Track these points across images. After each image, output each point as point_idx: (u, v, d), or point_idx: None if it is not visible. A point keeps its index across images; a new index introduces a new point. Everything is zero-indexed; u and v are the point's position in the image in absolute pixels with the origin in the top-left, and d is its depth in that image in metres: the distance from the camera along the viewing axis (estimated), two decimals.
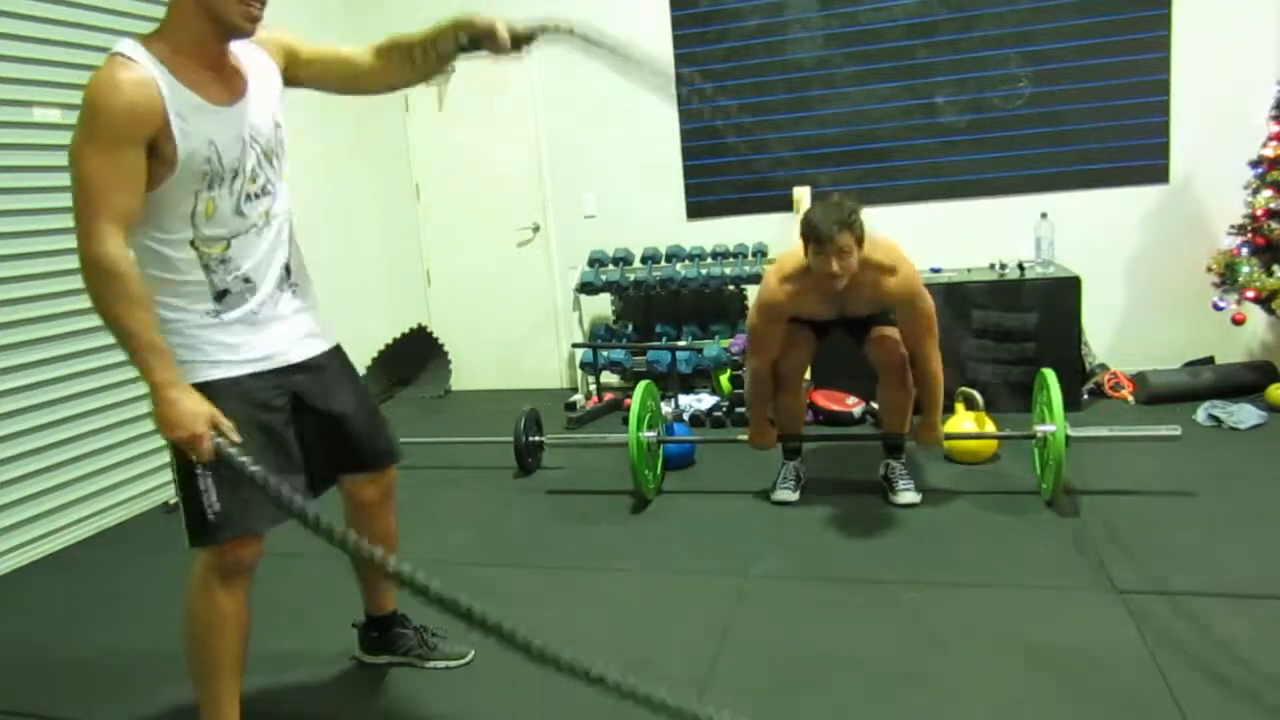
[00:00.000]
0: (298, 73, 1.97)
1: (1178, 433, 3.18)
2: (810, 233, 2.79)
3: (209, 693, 1.89)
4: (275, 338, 1.89)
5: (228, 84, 1.78)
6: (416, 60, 2.02)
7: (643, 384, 3.52)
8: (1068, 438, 3.01)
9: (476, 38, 1.92)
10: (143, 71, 1.64)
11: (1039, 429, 3.19)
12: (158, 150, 1.66)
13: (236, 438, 1.69)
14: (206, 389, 1.74)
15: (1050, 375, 3.16)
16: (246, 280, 1.83)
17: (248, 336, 1.83)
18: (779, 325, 3.09)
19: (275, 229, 1.89)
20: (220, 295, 1.80)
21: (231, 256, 1.81)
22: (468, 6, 1.97)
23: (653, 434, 3.51)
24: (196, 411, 1.66)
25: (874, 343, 3.18)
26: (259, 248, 1.85)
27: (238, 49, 1.85)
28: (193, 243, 1.76)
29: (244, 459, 1.63)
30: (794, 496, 3.34)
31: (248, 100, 1.82)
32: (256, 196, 1.84)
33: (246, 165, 1.80)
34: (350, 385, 2.07)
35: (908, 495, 3.19)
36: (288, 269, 1.93)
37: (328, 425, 1.99)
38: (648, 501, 3.47)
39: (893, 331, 3.15)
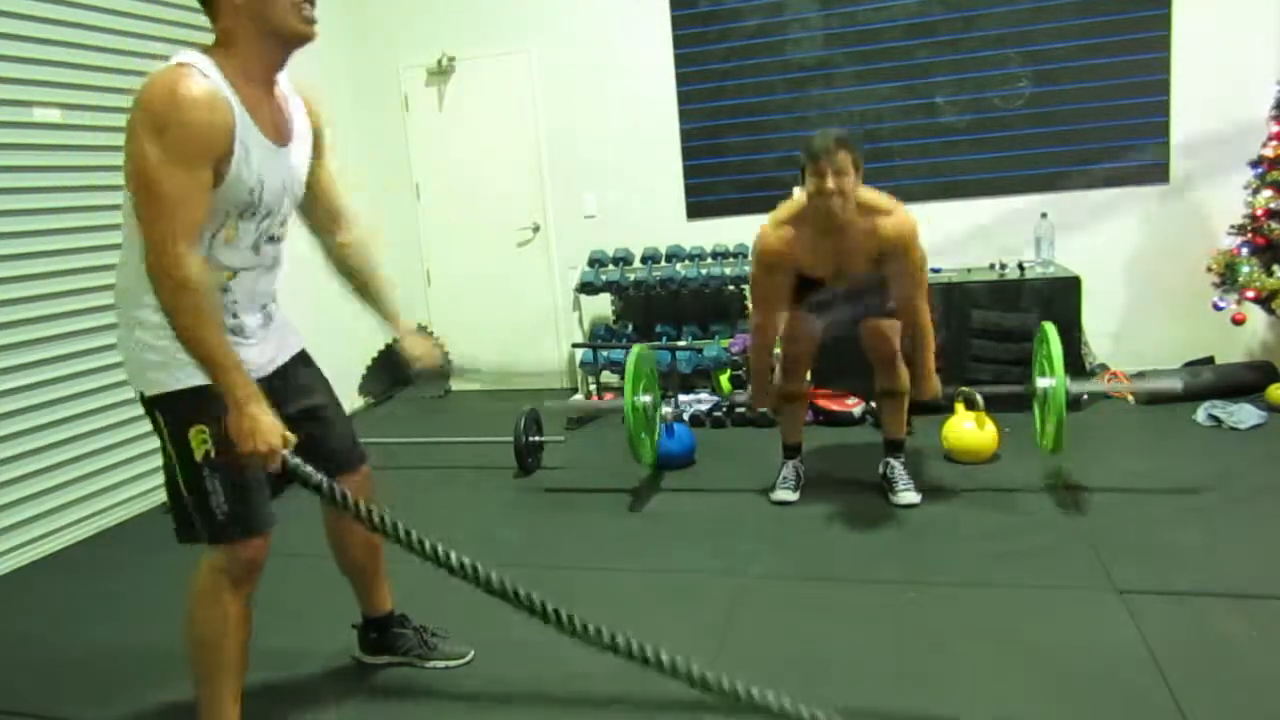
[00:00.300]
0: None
1: (1178, 386, 3.11)
2: (808, 151, 2.82)
3: (211, 694, 1.88)
4: (263, 352, 1.90)
5: (281, 123, 1.78)
6: (356, 283, 2.13)
7: (636, 348, 3.41)
8: (1068, 392, 2.97)
9: (404, 359, 2.11)
10: (219, 91, 1.61)
11: (1040, 382, 3.15)
12: (214, 169, 1.65)
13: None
14: (200, 393, 1.74)
15: (1050, 329, 3.10)
16: (235, 317, 1.83)
17: (242, 352, 1.81)
18: (778, 275, 3.04)
19: (273, 275, 1.91)
20: None
21: (231, 288, 1.80)
22: (466, 7, 1.97)
23: (649, 399, 3.44)
24: (274, 427, 1.67)
25: (868, 332, 3.20)
26: (255, 289, 1.85)
27: (288, 94, 1.84)
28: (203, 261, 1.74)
29: (309, 470, 1.70)
30: (793, 497, 3.33)
31: (293, 146, 1.82)
32: (275, 240, 1.85)
33: (282, 209, 1.82)
34: (322, 387, 2.09)
35: (908, 495, 3.19)
36: (268, 309, 1.94)
37: (301, 426, 1.98)
38: (639, 498, 3.47)
39: (887, 325, 3.17)
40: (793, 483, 3.36)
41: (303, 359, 2.06)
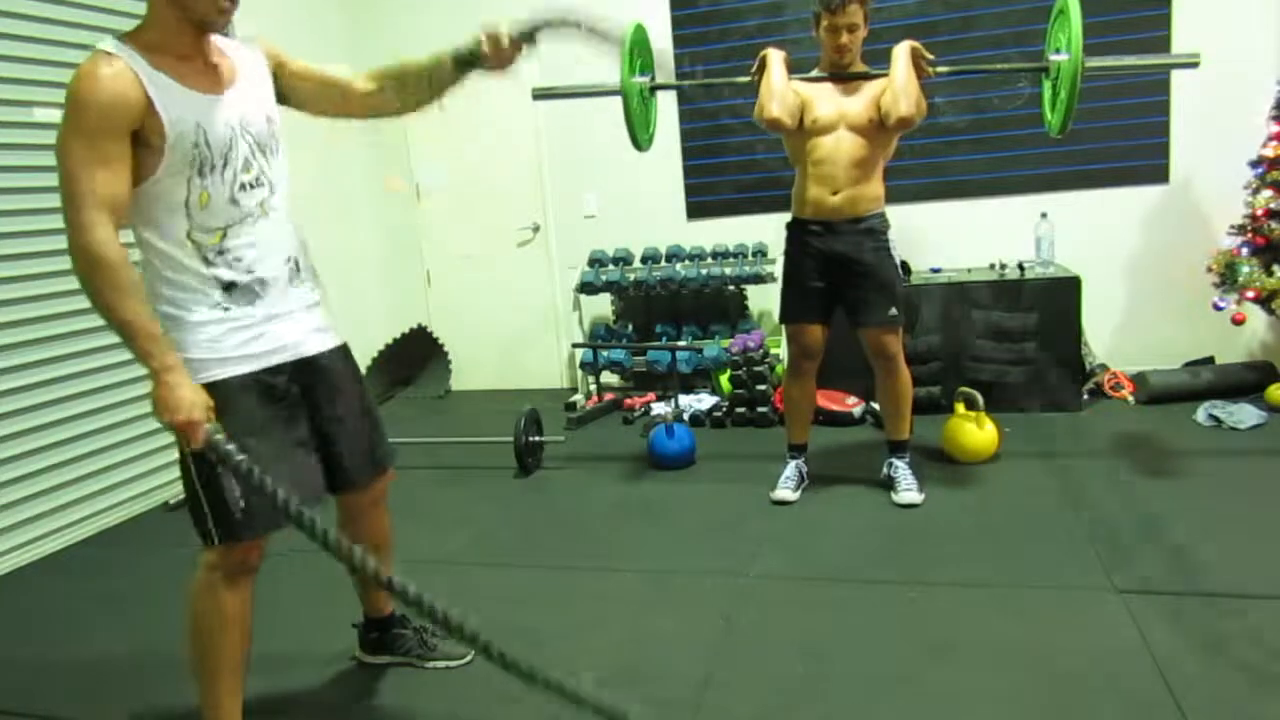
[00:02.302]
0: (284, 84, 1.97)
1: (1197, 60, 2.86)
2: (824, 3, 2.99)
3: (212, 693, 1.88)
4: (287, 330, 1.89)
5: (212, 75, 1.80)
6: (410, 88, 2.03)
7: (631, 24, 3.12)
8: (1080, 70, 2.75)
9: (475, 53, 1.93)
10: (122, 64, 1.66)
11: (1052, 57, 2.99)
12: (144, 139, 1.68)
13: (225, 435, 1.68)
14: (220, 388, 1.75)
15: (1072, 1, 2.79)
16: (250, 272, 1.82)
17: (261, 329, 1.83)
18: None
19: (274, 221, 1.88)
20: (228, 288, 1.80)
21: (229, 247, 1.80)
22: (464, 6, 1.97)
23: (646, 78, 3.27)
24: (194, 399, 1.66)
25: (870, 339, 3.21)
26: (257, 238, 1.84)
27: (228, 47, 1.87)
28: (189, 234, 1.76)
29: (232, 449, 1.64)
30: (793, 496, 3.33)
31: (236, 91, 1.83)
32: (251, 187, 1.83)
33: (238, 155, 1.80)
34: (355, 389, 2.06)
35: (909, 495, 3.19)
36: (296, 265, 1.93)
37: (333, 430, 1.99)
38: (639, 498, 3.45)
39: (888, 333, 3.19)
40: (794, 482, 3.36)
41: (344, 354, 2.05)
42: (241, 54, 1.89)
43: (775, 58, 3.13)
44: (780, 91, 3.09)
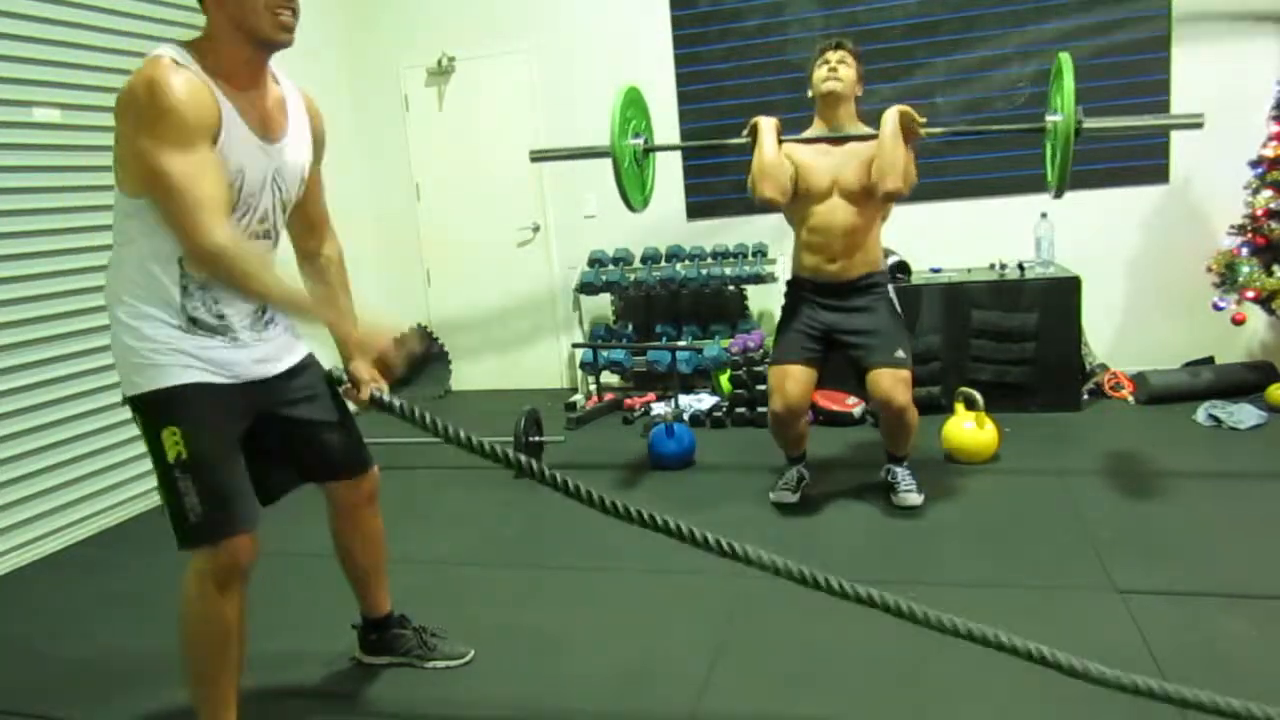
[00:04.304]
0: None
1: (1200, 121, 2.93)
2: (820, 47, 3.15)
3: (206, 695, 1.88)
4: (253, 355, 1.85)
5: (271, 119, 1.78)
6: (320, 294, 2.06)
7: (624, 88, 3.20)
8: (1078, 126, 2.81)
9: (340, 380, 2.02)
10: (196, 78, 1.62)
11: (1049, 118, 2.99)
12: None
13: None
14: (177, 394, 1.73)
15: (1066, 61, 2.87)
16: (221, 317, 1.79)
17: (224, 354, 1.80)
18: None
19: None
20: (192, 321, 1.76)
21: (213, 286, 1.76)
22: (466, 7, 1.98)
23: (639, 140, 3.26)
24: (385, 330, 1.84)
25: (875, 382, 3.06)
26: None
27: (285, 87, 1.85)
28: (181, 260, 1.72)
29: (397, 401, 1.83)
30: (792, 499, 3.32)
31: (285, 145, 1.82)
32: (259, 237, 1.83)
33: (260, 205, 1.79)
34: (326, 393, 2.05)
35: (910, 497, 3.18)
36: (263, 309, 1.88)
37: (300, 431, 1.98)
38: (639, 499, 3.45)
39: (896, 375, 3.04)
40: (793, 485, 3.36)
41: (308, 365, 2.03)
42: (296, 104, 1.86)
43: (766, 130, 3.09)
44: (771, 169, 3.06)
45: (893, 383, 3.03)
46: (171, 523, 1.80)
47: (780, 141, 3.12)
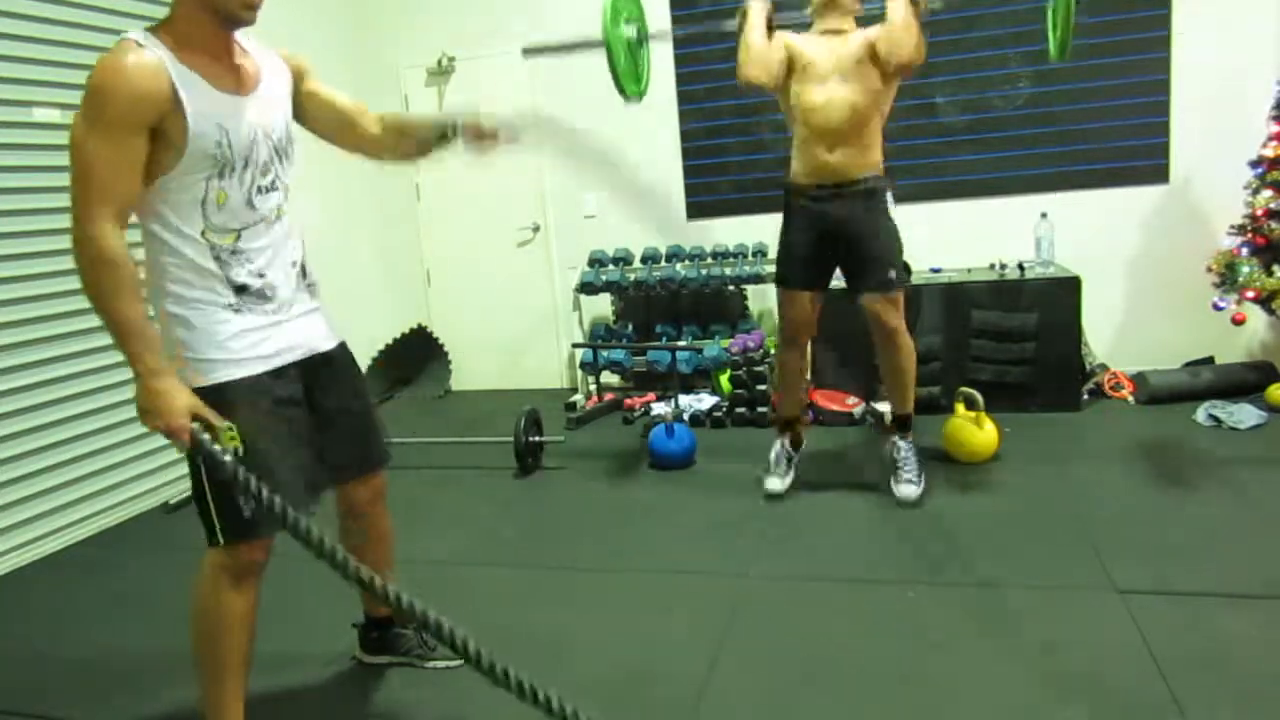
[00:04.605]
0: (298, 97, 1.98)
1: None
2: None
3: (215, 693, 1.88)
4: (295, 331, 1.90)
5: (239, 75, 1.79)
6: (406, 141, 2.11)
7: None
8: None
9: (457, 132, 2.05)
10: (150, 55, 1.64)
11: None
12: (165, 134, 1.66)
13: (220, 431, 1.67)
14: (230, 389, 1.75)
15: None
16: (262, 276, 1.83)
17: (269, 331, 1.83)
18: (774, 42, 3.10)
19: (284, 225, 1.89)
20: (240, 290, 1.79)
21: (243, 249, 1.80)
22: (466, 7, 1.99)
23: (633, 29, 3.21)
24: (180, 404, 1.64)
25: (869, 308, 3.14)
26: (270, 242, 1.85)
27: (254, 52, 1.86)
28: (204, 233, 1.75)
29: (217, 451, 1.62)
30: (781, 486, 3.33)
31: (260, 94, 1.83)
32: (267, 190, 1.84)
33: (258, 157, 1.80)
34: (355, 384, 2.08)
35: (909, 490, 3.16)
36: (303, 269, 1.95)
37: (330, 423, 1.99)
38: (639, 498, 3.45)
39: (888, 301, 3.12)
40: (783, 467, 3.34)
41: (344, 352, 2.06)
42: (265, 57, 1.89)
43: (756, 10, 3.06)
44: (759, 52, 3.02)
45: (883, 305, 3.11)
46: (214, 518, 1.79)
47: (773, 28, 3.09)
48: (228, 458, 1.62)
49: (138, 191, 1.67)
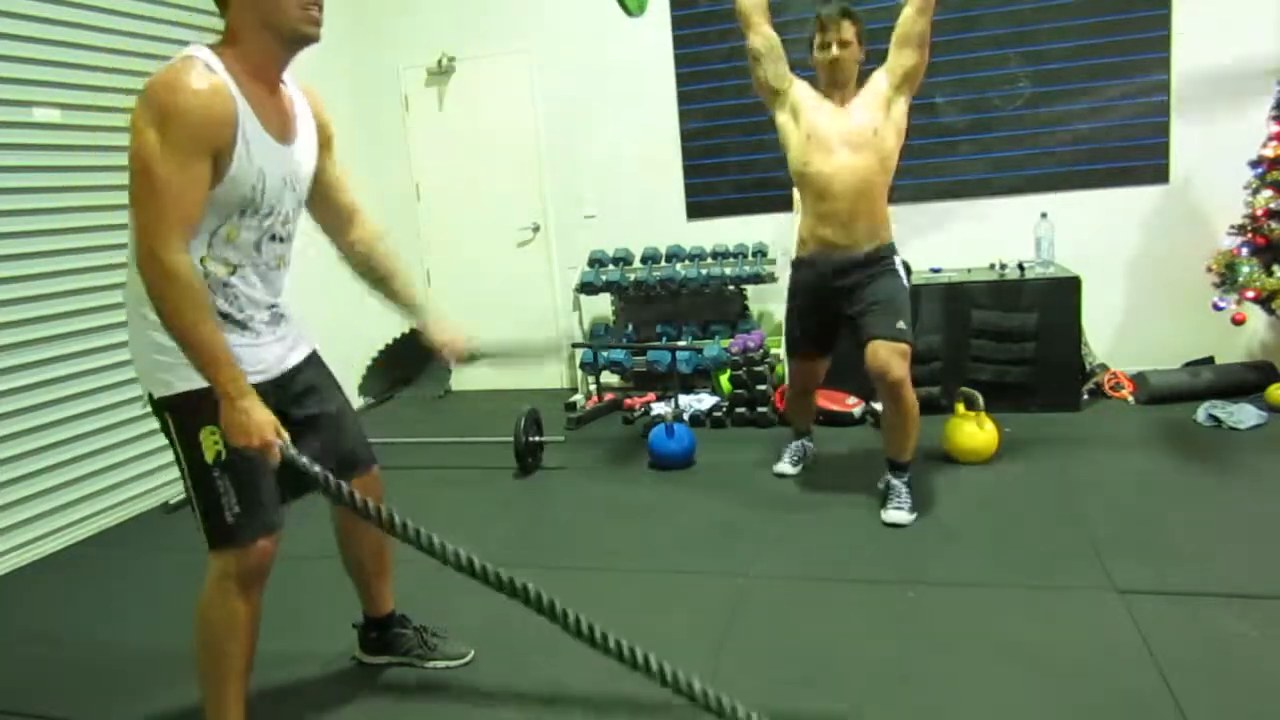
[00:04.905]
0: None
1: None
2: (819, 16, 3.09)
3: (218, 696, 1.89)
4: (266, 353, 1.88)
5: (285, 121, 1.78)
6: (376, 282, 2.21)
7: None
8: None
9: (428, 340, 2.18)
10: (222, 83, 1.62)
11: None
12: (213, 164, 1.64)
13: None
14: (209, 395, 1.73)
15: None
16: (241, 311, 1.82)
17: (242, 351, 1.81)
18: (784, 68, 3.23)
19: (279, 274, 1.90)
20: (221, 317, 1.77)
21: (234, 284, 1.79)
22: (466, 7, 1.99)
23: None
24: (266, 420, 1.66)
25: (873, 354, 3.01)
26: (259, 285, 1.84)
27: (294, 95, 1.85)
28: (203, 260, 1.73)
29: (307, 461, 1.70)
30: (792, 470, 3.41)
31: (298, 145, 1.82)
32: (279, 240, 1.85)
33: (283, 208, 1.81)
34: (332, 388, 2.09)
35: (897, 514, 3.04)
36: (278, 313, 1.93)
37: (310, 428, 1.99)
38: (639, 499, 3.45)
39: (893, 349, 3.00)
40: (796, 456, 3.39)
41: (313, 361, 2.06)
42: (299, 97, 1.87)
43: None
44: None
45: (889, 354, 2.97)
46: (204, 523, 1.80)
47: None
48: (317, 468, 1.70)
49: (202, 214, 1.65)
